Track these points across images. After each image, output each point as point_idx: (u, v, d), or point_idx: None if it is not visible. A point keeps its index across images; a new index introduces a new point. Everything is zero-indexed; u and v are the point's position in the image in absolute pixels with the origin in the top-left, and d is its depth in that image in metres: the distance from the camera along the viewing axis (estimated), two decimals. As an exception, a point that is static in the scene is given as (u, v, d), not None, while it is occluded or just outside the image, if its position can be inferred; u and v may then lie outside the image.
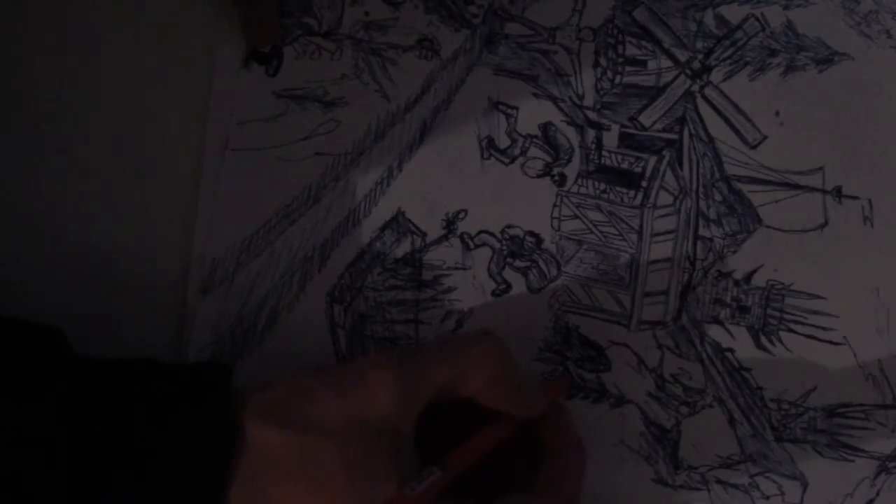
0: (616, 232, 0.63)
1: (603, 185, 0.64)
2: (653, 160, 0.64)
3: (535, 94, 0.65)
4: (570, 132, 0.64)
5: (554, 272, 0.63)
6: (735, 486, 0.61)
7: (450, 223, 0.63)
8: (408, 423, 0.54)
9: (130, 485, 0.51)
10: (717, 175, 0.63)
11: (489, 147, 0.64)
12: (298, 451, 0.52)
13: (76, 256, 0.62)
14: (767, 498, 0.61)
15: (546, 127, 0.64)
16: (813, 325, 0.62)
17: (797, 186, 0.63)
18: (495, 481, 0.55)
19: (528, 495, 0.55)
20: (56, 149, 0.63)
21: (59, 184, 0.63)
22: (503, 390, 0.56)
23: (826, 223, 0.63)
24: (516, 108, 0.65)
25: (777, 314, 0.62)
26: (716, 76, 0.64)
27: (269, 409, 0.53)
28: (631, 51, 0.65)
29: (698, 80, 0.64)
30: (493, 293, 0.63)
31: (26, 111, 0.63)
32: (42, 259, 0.62)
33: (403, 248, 0.63)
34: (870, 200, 0.63)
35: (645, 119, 0.64)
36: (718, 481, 0.62)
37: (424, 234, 0.63)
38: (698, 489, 0.62)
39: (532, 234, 0.63)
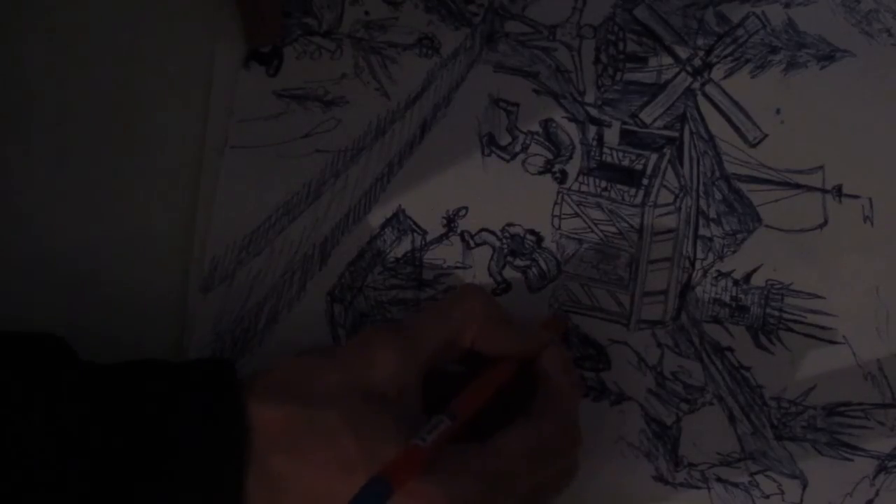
0: (616, 231, 0.63)
1: (604, 183, 0.64)
2: (654, 157, 0.64)
3: (535, 91, 0.64)
4: (571, 128, 0.64)
5: (554, 271, 0.63)
6: (735, 485, 0.62)
7: (450, 221, 0.64)
8: (411, 386, 0.55)
9: (149, 488, 0.51)
10: (717, 173, 0.63)
11: (490, 144, 0.64)
12: (303, 421, 0.53)
13: (76, 255, 0.62)
14: (767, 497, 0.61)
15: (547, 123, 0.64)
16: (812, 325, 0.62)
17: (797, 185, 0.63)
18: (496, 421, 0.56)
19: (522, 421, 0.56)
20: (55, 148, 0.63)
21: (59, 182, 0.63)
22: (497, 333, 0.58)
23: (826, 222, 0.63)
24: (517, 105, 0.64)
25: (776, 313, 0.62)
26: (717, 73, 0.64)
27: (272, 389, 0.54)
28: (632, 48, 0.65)
29: (699, 78, 0.64)
30: (493, 292, 0.63)
31: (25, 111, 0.63)
32: (41, 258, 0.62)
33: (404, 246, 0.63)
34: (870, 199, 0.63)
35: (646, 116, 0.64)
36: (718, 479, 0.62)
37: (425, 233, 0.63)
38: (698, 487, 0.62)
39: (532, 232, 0.63)
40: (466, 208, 0.64)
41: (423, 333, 0.56)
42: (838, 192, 0.63)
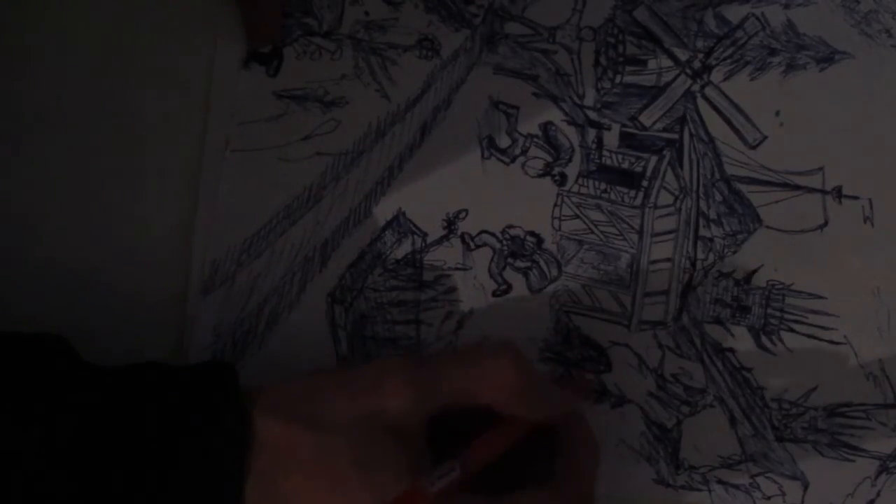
0: (616, 232, 0.63)
1: (603, 185, 0.64)
2: (653, 160, 0.64)
3: (535, 94, 0.65)
4: (571, 131, 0.64)
5: (554, 272, 0.63)
6: (736, 487, 0.61)
7: (450, 223, 0.63)
8: (417, 425, 0.55)
9: (147, 492, 0.51)
10: (717, 175, 0.63)
11: (489, 147, 0.64)
12: (310, 444, 0.53)
13: (76, 257, 0.62)
14: (768, 498, 0.61)
15: (546, 126, 0.64)
16: (813, 325, 0.62)
17: (797, 187, 0.63)
18: (510, 473, 0.55)
19: (540, 492, 0.55)
20: (55, 149, 0.63)
21: (59, 184, 0.63)
22: (521, 402, 0.56)
23: (826, 223, 0.63)
24: (517, 108, 0.65)
25: (777, 314, 0.62)
26: (716, 76, 0.64)
27: (282, 405, 0.54)
28: (631, 50, 0.65)
29: (699, 80, 0.64)
30: (494, 294, 0.63)
31: (25, 112, 0.63)
32: (41, 260, 0.62)
33: (404, 248, 0.63)
34: (870, 200, 0.63)
35: (645, 119, 0.64)
36: (719, 481, 0.62)
37: (425, 235, 0.63)
38: (699, 489, 0.62)
39: (533, 234, 0.63)
40: (466, 210, 0.64)
41: (442, 381, 0.55)
42: (838, 192, 0.63)
